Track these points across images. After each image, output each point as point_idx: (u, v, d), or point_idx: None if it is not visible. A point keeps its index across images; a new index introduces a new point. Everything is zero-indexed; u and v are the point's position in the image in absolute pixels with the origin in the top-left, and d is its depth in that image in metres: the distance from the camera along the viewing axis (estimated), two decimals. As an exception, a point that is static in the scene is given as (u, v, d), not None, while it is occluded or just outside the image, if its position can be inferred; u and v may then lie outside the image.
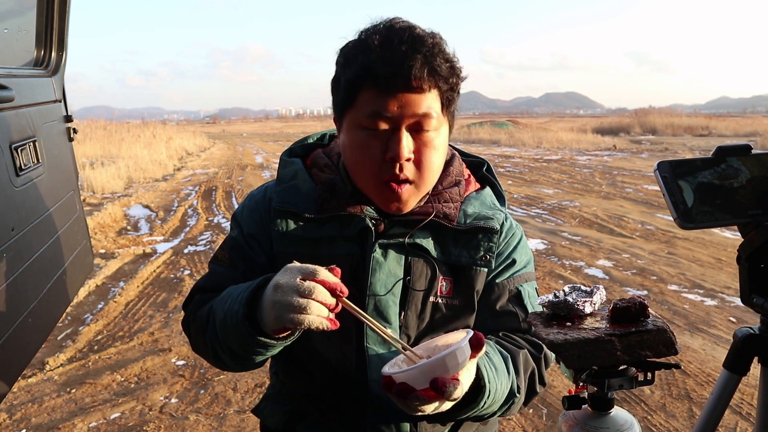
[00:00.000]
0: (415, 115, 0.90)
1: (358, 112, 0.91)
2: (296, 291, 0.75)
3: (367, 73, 0.88)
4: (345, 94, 0.93)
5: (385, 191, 0.94)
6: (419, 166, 0.93)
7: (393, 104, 0.88)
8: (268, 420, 1.11)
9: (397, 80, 0.87)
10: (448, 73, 0.91)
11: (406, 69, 0.86)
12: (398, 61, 0.87)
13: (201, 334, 0.96)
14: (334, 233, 0.99)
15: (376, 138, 0.91)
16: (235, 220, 1.07)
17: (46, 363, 3.28)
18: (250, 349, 0.86)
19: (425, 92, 0.89)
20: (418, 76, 0.87)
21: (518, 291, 1.03)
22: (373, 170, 0.93)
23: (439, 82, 0.90)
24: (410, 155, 0.91)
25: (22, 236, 1.48)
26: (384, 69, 0.87)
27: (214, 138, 33.58)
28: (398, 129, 0.90)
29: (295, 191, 1.01)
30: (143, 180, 12.14)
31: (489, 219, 1.02)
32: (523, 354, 0.97)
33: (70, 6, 1.97)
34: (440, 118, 0.93)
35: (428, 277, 0.99)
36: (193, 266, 5.32)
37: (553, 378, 2.97)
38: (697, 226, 0.81)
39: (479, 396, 0.83)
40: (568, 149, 19.84)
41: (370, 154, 0.92)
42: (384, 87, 0.88)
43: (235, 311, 0.85)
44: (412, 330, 0.99)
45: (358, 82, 0.90)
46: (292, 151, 1.11)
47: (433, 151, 0.93)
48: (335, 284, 0.77)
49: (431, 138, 0.93)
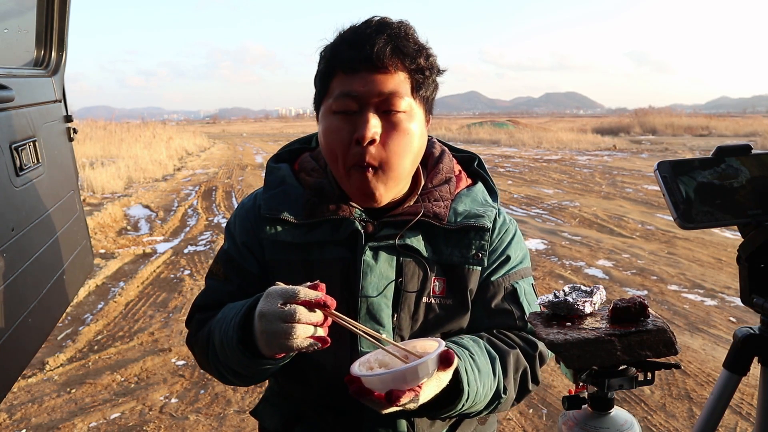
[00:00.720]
0: (381, 94, 0.89)
1: (330, 99, 0.92)
2: (279, 317, 0.75)
3: (336, 58, 0.91)
4: (320, 84, 0.95)
5: (352, 178, 0.93)
6: (386, 149, 0.91)
7: (359, 84, 0.89)
8: (266, 422, 1.11)
9: (361, 60, 0.89)
10: (415, 53, 0.91)
11: (368, 48, 0.88)
12: (362, 43, 0.89)
13: (205, 356, 0.97)
14: (324, 238, 0.98)
15: (346, 122, 0.91)
16: (228, 231, 1.07)
17: (46, 363, 3.29)
18: (251, 370, 0.88)
19: (391, 73, 0.90)
20: (380, 54, 0.88)
21: (514, 288, 1.02)
22: (342, 154, 0.92)
23: (405, 61, 0.90)
24: (376, 136, 0.89)
25: (22, 236, 1.48)
26: (350, 52, 0.89)
27: (214, 138, 33.58)
28: (365, 108, 0.90)
29: (283, 197, 1.00)
30: (143, 180, 12.14)
31: (480, 217, 1.00)
32: (515, 353, 0.96)
33: (70, 6, 1.97)
34: (410, 101, 0.92)
35: (420, 278, 0.98)
36: (193, 266, 5.32)
37: (553, 378, 2.97)
38: (697, 226, 0.81)
39: (457, 399, 0.84)
40: (568, 149, 19.84)
41: (340, 138, 0.91)
42: (350, 69, 0.90)
43: (230, 337, 0.86)
44: (406, 331, 0.98)
45: (329, 71, 0.92)
46: (278, 157, 1.10)
47: (402, 134, 0.91)
48: (318, 300, 0.76)
49: (400, 119, 0.91)
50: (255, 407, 1.16)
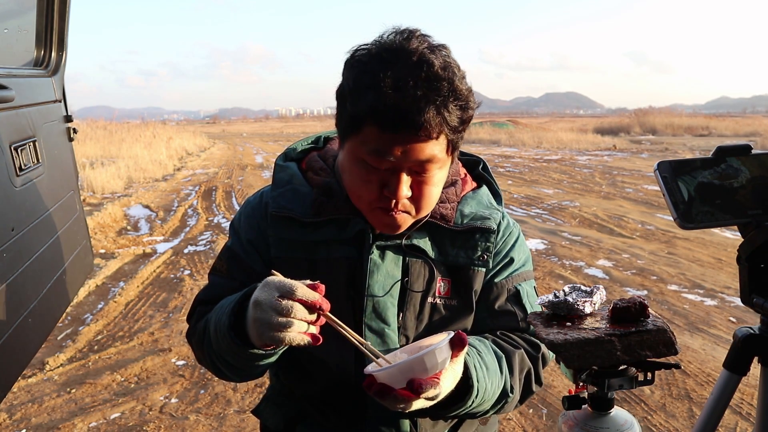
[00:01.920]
0: (417, 161, 0.87)
1: (361, 145, 0.87)
2: (274, 309, 0.75)
3: (375, 115, 0.83)
4: (349, 122, 0.88)
5: (380, 216, 0.93)
6: (417, 202, 0.92)
7: (397, 149, 0.85)
8: (268, 421, 1.11)
9: (406, 128, 0.83)
10: (459, 122, 0.87)
11: (416, 119, 0.82)
12: (408, 109, 0.81)
13: (200, 348, 0.97)
14: (331, 236, 0.99)
15: (375, 174, 0.89)
16: (233, 228, 1.07)
17: (46, 363, 3.29)
18: (243, 360, 0.87)
19: (432, 140, 0.85)
20: (427, 126, 0.82)
21: (517, 290, 1.03)
22: (370, 200, 0.91)
23: (447, 130, 0.86)
24: (408, 194, 0.90)
25: (22, 236, 1.48)
26: (393, 114, 0.82)
27: (214, 138, 33.57)
28: (399, 170, 0.88)
29: (291, 195, 1.00)
30: (143, 180, 12.13)
31: (486, 219, 1.01)
32: (519, 354, 0.97)
33: (70, 6, 1.97)
34: (444, 160, 0.90)
35: (426, 278, 0.99)
36: (193, 266, 5.32)
37: (553, 378, 2.97)
38: (697, 226, 0.81)
39: (467, 395, 0.84)
40: (568, 149, 19.84)
41: (368, 187, 0.90)
42: (391, 131, 0.84)
43: (223, 323, 0.85)
44: (411, 331, 0.99)
45: (365, 119, 0.85)
46: (286, 155, 1.10)
47: (431, 187, 0.92)
48: (315, 301, 0.76)
49: (431, 176, 0.90)
50: (257, 406, 1.16)
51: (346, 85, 0.89)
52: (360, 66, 0.86)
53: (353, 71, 0.87)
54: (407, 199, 0.91)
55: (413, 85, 0.81)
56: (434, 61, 0.83)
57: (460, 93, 0.85)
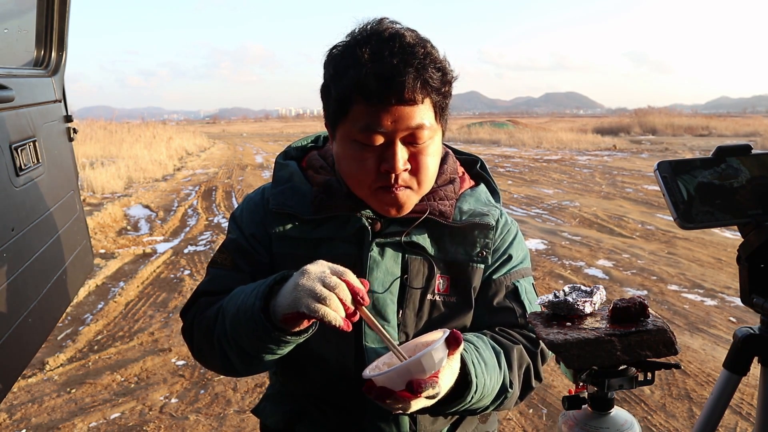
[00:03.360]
0: (408, 128, 0.89)
1: (351, 126, 0.90)
2: (321, 281, 0.76)
3: (359, 88, 0.87)
4: (336, 106, 0.91)
5: (382, 196, 0.94)
6: (416, 174, 0.93)
7: (386, 119, 0.87)
8: (268, 420, 1.11)
9: (390, 95, 0.86)
10: (440, 83, 0.90)
11: (398, 84, 0.85)
12: (390, 76, 0.85)
13: (207, 336, 0.94)
14: (331, 234, 0.99)
15: (370, 151, 0.90)
16: (234, 222, 1.07)
17: (46, 363, 3.29)
18: (261, 345, 0.85)
19: (418, 104, 0.88)
20: (410, 89, 0.86)
21: (515, 287, 1.04)
22: (369, 181, 0.92)
23: (431, 93, 0.89)
24: (406, 166, 0.91)
25: (22, 236, 1.48)
26: (376, 84, 0.86)
27: (214, 138, 33.58)
28: (393, 142, 0.89)
29: (292, 193, 1.01)
30: (143, 180, 12.14)
31: (484, 215, 1.02)
32: (518, 349, 0.97)
33: (70, 6, 1.97)
34: (434, 127, 0.92)
35: (425, 275, 1.00)
36: (193, 266, 5.32)
37: (553, 378, 2.97)
38: (697, 226, 0.81)
39: (466, 391, 0.84)
40: (568, 149, 19.84)
41: (365, 167, 0.91)
42: (377, 102, 0.87)
43: (251, 305, 0.84)
44: (411, 328, 0.99)
45: (350, 97, 0.88)
46: (287, 154, 1.11)
47: (428, 158, 0.93)
48: (359, 290, 0.77)
49: (426, 146, 0.92)
50: (257, 405, 1.16)
51: (328, 74, 0.93)
52: (338, 54, 0.91)
53: (332, 61, 0.92)
54: (406, 173, 0.92)
55: (389, 54, 0.86)
56: (405, 33, 0.90)
57: (435, 57, 0.90)
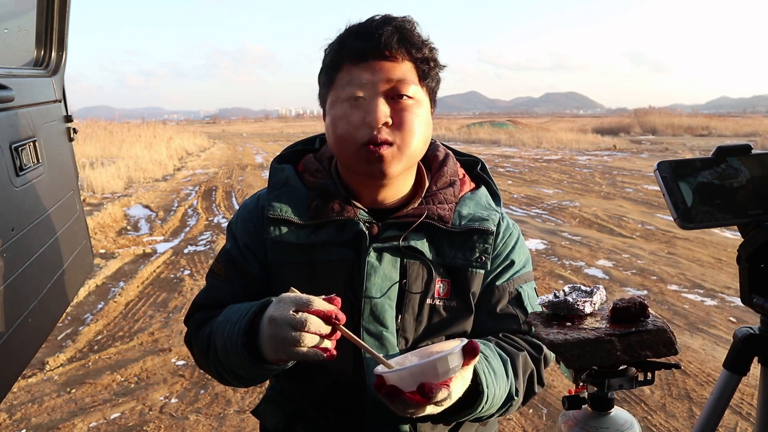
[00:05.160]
0: (389, 81, 0.91)
1: (338, 89, 0.94)
2: (290, 324, 0.75)
3: (342, 48, 0.93)
4: (325, 77, 0.97)
5: (365, 154, 0.92)
6: (399, 128, 0.92)
7: (367, 72, 0.91)
8: (268, 421, 1.11)
9: (369, 49, 0.91)
10: (420, 43, 0.94)
11: (376, 38, 0.90)
12: (370, 33, 0.91)
13: (204, 357, 0.97)
14: (328, 239, 0.98)
15: (355, 108, 0.92)
16: (230, 231, 1.07)
17: (46, 363, 3.28)
18: (254, 373, 0.89)
19: (398, 61, 0.92)
20: (388, 43, 0.90)
21: (518, 293, 1.03)
22: (353, 136, 0.92)
23: (411, 51, 0.93)
24: (387, 119, 0.91)
25: (22, 236, 1.48)
26: (357, 42, 0.92)
27: (214, 138, 33.57)
28: (375, 95, 0.91)
29: (288, 198, 1.00)
30: (143, 180, 12.13)
31: (484, 220, 1.01)
32: (523, 356, 0.97)
33: (70, 6, 1.97)
34: (418, 90, 0.94)
35: (424, 280, 0.99)
36: (193, 266, 5.32)
37: (553, 378, 2.97)
38: (697, 226, 0.81)
39: (477, 401, 0.83)
40: (568, 149, 19.84)
41: (350, 122, 0.92)
42: (358, 58, 0.92)
43: (234, 342, 0.86)
44: (410, 333, 0.98)
45: (336, 62, 0.94)
46: (282, 157, 1.10)
47: (412, 115, 0.93)
48: (330, 312, 0.76)
49: (409, 104, 0.93)
50: (256, 407, 1.16)
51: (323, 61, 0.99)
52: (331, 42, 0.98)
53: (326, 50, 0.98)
54: (390, 129, 0.92)
55: (371, 19, 0.94)
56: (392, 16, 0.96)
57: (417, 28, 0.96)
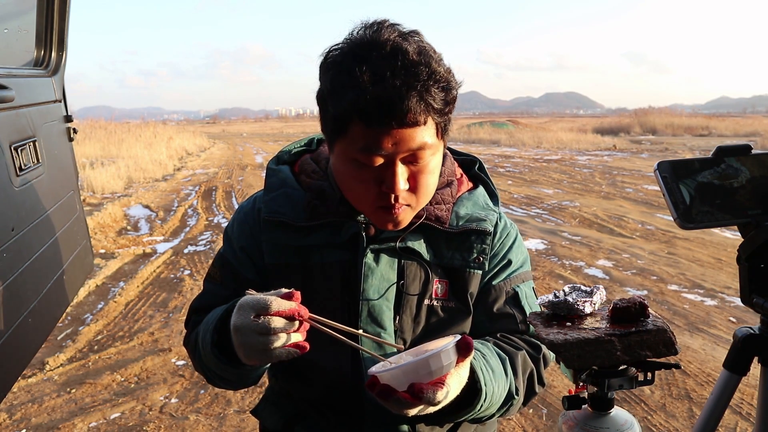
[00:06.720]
0: (409, 150, 0.85)
1: (351, 145, 0.86)
2: (254, 331, 0.75)
3: (358, 112, 0.82)
4: (334, 125, 0.86)
5: (381, 214, 0.91)
6: (416, 192, 0.90)
7: (387, 141, 0.83)
8: (267, 421, 1.11)
9: (391, 120, 0.81)
10: (444, 104, 0.86)
11: (400, 109, 0.81)
12: (392, 101, 0.80)
13: (194, 359, 0.98)
14: (324, 241, 0.98)
15: (370, 171, 0.87)
16: (226, 235, 1.07)
17: (46, 363, 3.28)
18: (233, 375, 0.89)
19: (420, 125, 0.84)
20: (413, 113, 0.81)
21: (515, 292, 1.03)
22: (370, 200, 0.90)
23: (433, 114, 0.85)
24: (406, 186, 0.88)
25: (22, 236, 1.48)
26: (376, 110, 0.81)
27: (214, 138, 33.55)
28: (393, 163, 0.86)
29: (284, 200, 1.00)
30: (143, 180, 12.13)
31: (482, 221, 1.00)
32: (522, 355, 0.97)
33: (70, 6, 1.97)
34: (435, 144, 0.89)
35: (422, 281, 0.98)
36: (193, 266, 5.32)
37: (553, 378, 2.97)
38: (697, 226, 0.81)
39: (475, 399, 0.83)
40: (568, 149, 19.83)
41: (365, 186, 0.89)
42: (377, 124, 0.82)
43: (207, 342, 0.87)
44: (408, 334, 0.98)
45: (349, 118, 0.84)
46: (279, 159, 1.09)
47: (428, 176, 0.91)
48: (291, 311, 0.75)
49: (426, 164, 0.89)
50: (255, 407, 1.16)
51: (325, 88, 0.87)
52: (335, 66, 0.85)
53: (329, 73, 0.86)
54: (406, 192, 0.89)
55: (391, 75, 0.80)
56: (408, 48, 0.83)
57: (439, 75, 0.84)
